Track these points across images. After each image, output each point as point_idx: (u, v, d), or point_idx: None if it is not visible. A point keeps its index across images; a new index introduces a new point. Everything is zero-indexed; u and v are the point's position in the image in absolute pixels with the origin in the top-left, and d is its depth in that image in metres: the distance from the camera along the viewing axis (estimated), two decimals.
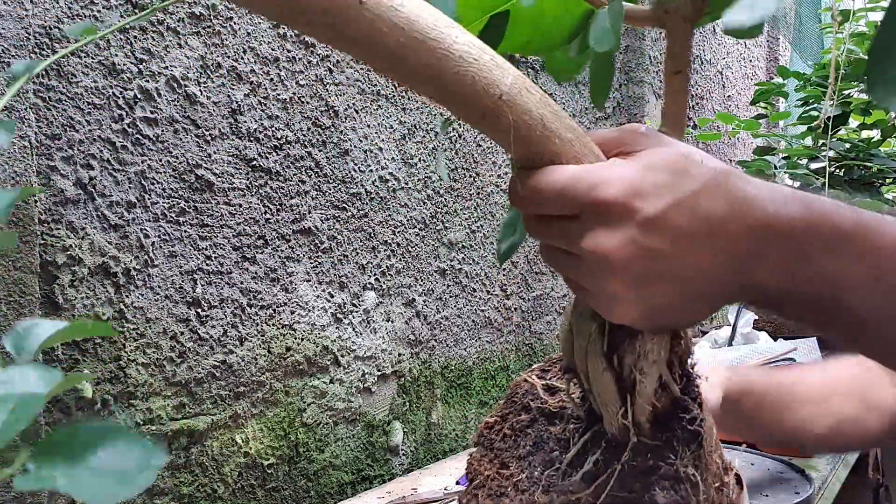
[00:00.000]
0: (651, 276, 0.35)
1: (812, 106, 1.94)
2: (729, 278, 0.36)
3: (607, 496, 0.40)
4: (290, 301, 1.00)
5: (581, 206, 0.35)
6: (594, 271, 0.36)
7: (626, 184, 0.35)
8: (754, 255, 0.36)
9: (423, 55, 0.32)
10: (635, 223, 0.34)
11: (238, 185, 0.93)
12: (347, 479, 1.09)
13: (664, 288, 0.35)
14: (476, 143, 1.36)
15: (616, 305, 0.36)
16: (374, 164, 1.13)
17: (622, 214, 0.34)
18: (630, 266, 0.34)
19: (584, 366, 0.42)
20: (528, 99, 0.34)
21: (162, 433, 0.84)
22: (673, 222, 0.34)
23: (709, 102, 2.49)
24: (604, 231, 0.35)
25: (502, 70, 0.33)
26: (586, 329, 0.41)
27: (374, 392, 1.14)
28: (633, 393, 0.40)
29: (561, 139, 0.35)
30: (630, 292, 0.35)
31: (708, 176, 0.35)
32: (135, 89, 0.81)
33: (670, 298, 0.36)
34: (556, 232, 0.37)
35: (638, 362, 0.40)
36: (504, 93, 0.33)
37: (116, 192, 0.80)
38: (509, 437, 0.50)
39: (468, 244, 1.35)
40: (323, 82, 1.04)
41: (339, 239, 1.08)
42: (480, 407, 1.39)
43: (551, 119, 0.35)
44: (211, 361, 0.90)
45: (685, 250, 0.35)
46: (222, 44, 0.90)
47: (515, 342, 1.50)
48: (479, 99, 0.33)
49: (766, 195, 0.36)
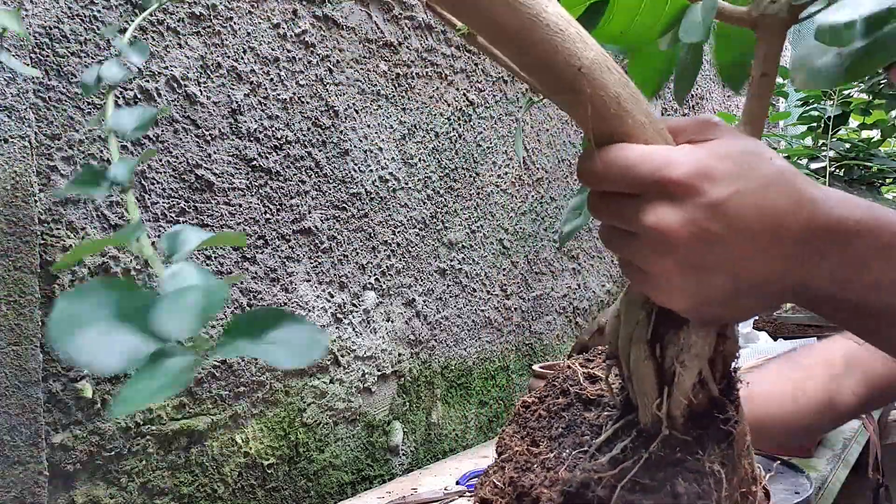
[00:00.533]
0: (707, 262, 0.35)
1: (812, 106, 1.94)
2: (782, 276, 0.36)
3: (629, 480, 0.41)
4: (290, 301, 1.00)
5: (647, 184, 0.35)
6: (652, 249, 0.36)
7: (695, 166, 0.35)
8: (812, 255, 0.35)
9: (511, 17, 0.33)
10: (700, 205, 0.34)
11: (238, 185, 0.93)
12: (347, 479, 1.09)
13: (717, 277, 0.35)
14: (476, 143, 1.36)
15: (667, 288, 0.36)
16: (374, 164, 1.13)
17: (687, 194, 0.34)
18: (688, 247, 0.34)
19: (627, 352, 0.42)
20: (607, 77, 0.35)
21: (162, 433, 0.84)
22: (737, 210, 0.34)
23: (709, 102, 2.49)
24: (667, 208, 0.35)
25: (586, 44, 0.34)
26: (634, 316, 0.42)
27: (374, 392, 1.14)
28: (671, 385, 0.41)
29: (634, 121, 0.36)
30: (683, 276, 0.35)
31: (776, 172, 0.35)
32: (135, 89, 0.81)
33: (721, 289, 0.36)
34: (618, 209, 0.37)
35: (680, 355, 0.40)
36: (584, 66, 0.34)
37: (116, 192, 0.80)
38: (544, 418, 0.50)
39: (468, 244, 1.35)
40: (323, 82, 1.04)
41: (339, 239, 1.08)
42: (480, 407, 1.39)
43: (627, 100, 0.36)
44: (211, 361, 0.90)
45: (744, 241, 0.35)
46: (222, 44, 0.90)
47: (515, 342, 1.50)
48: (559, 68, 0.34)
49: (832, 197, 0.36)
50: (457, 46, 1.31)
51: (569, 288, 1.68)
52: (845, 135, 2.01)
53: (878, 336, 0.41)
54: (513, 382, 1.49)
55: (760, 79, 0.43)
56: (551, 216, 1.59)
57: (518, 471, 0.47)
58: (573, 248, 1.68)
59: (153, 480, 0.83)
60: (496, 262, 1.43)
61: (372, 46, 1.12)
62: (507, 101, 1.45)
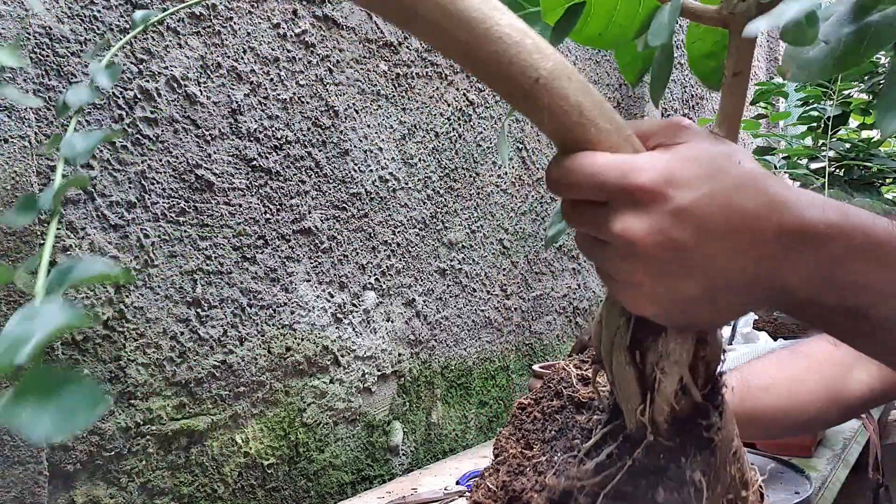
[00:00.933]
0: (675, 268, 0.35)
1: (812, 106, 1.94)
2: (755, 280, 0.35)
3: (612, 488, 0.41)
4: (290, 301, 1.00)
5: (612, 191, 0.35)
6: (621, 257, 0.35)
7: (660, 172, 0.34)
8: (785, 258, 0.35)
9: (462, 32, 0.33)
10: (666, 211, 0.34)
11: (238, 185, 0.93)
12: (347, 479, 1.09)
13: (687, 283, 0.35)
14: (476, 143, 1.36)
15: (638, 295, 0.36)
16: (374, 164, 1.13)
17: (653, 201, 0.34)
18: (656, 255, 0.34)
19: (610, 358, 0.42)
20: (567, 86, 0.35)
21: (162, 433, 0.84)
22: (704, 214, 0.34)
23: (709, 102, 2.49)
24: (633, 216, 0.34)
25: (543, 55, 0.34)
26: (614, 321, 0.41)
27: (374, 392, 1.14)
28: (653, 391, 0.40)
29: (598, 128, 0.36)
30: (653, 283, 0.35)
31: (745, 174, 0.35)
32: (135, 89, 0.81)
33: (692, 294, 0.35)
34: (588, 217, 0.37)
35: (660, 361, 0.40)
36: (542, 76, 0.34)
37: (116, 192, 0.80)
38: (538, 420, 0.50)
39: (468, 244, 1.35)
40: (323, 82, 1.04)
41: (339, 239, 1.08)
42: (480, 407, 1.39)
43: (589, 108, 0.35)
44: (211, 361, 0.90)
45: (713, 246, 0.34)
46: (222, 44, 0.90)
47: (515, 342, 1.50)
48: (515, 80, 0.34)
49: (803, 200, 0.35)
50: None
51: (569, 288, 1.68)
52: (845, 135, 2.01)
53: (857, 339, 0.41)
54: (513, 382, 1.49)
55: (734, 77, 0.43)
56: (551, 216, 1.59)
57: (511, 474, 0.47)
58: (573, 247, 1.68)
59: (153, 480, 0.83)
60: (496, 262, 1.43)
61: (372, 46, 1.12)
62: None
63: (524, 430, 0.51)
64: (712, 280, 0.35)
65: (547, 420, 0.50)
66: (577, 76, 0.35)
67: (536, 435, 0.50)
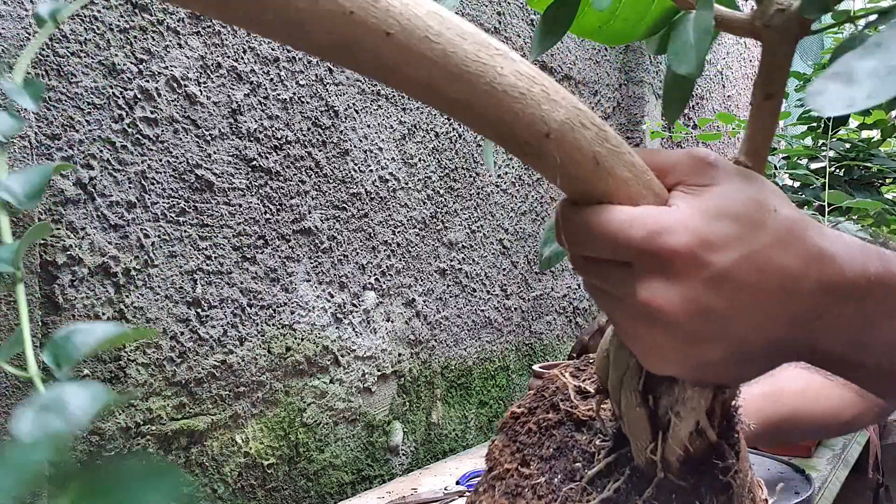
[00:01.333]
0: (703, 335, 0.32)
1: None
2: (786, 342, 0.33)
3: None
4: (290, 301, 1.00)
5: (637, 253, 0.31)
6: (642, 321, 0.32)
7: (693, 233, 0.31)
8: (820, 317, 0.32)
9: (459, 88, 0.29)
10: (701, 279, 0.31)
11: (238, 185, 0.93)
12: (347, 479, 1.09)
13: (714, 348, 0.32)
14: (476, 143, 1.36)
15: (658, 357, 0.33)
16: (374, 164, 1.13)
17: (687, 268, 0.31)
18: (685, 324, 0.31)
19: (618, 395, 0.40)
20: (581, 135, 0.31)
21: (162, 433, 0.84)
22: (741, 280, 0.31)
23: (709, 102, 2.49)
24: (662, 283, 0.31)
25: (554, 103, 0.30)
26: (623, 361, 0.39)
27: (374, 392, 1.14)
28: (665, 431, 0.38)
29: (615, 178, 0.32)
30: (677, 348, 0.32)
31: (783, 227, 0.32)
32: (135, 89, 0.81)
33: (719, 357, 0.32)
34: (604, 275, 0.33)
35: (675, 406, 0.37)
36: (552, 130, 0.30)
37: (116, 192, 0.80)
38: (534, 434, 0.48)
39: (468, 244, 1.35)
40: (323, 82, 1.04)
41: (339, 239, 1.08)
42: (480, 407, 1.39)
43: (606, 156, 0.32)
44: (211, 361, 0.90)
45: (749, 309, 0.31)
46: (222, 44, 0.90)
47: (515, 342, 1.50)
48: (522, 136, 0.30)
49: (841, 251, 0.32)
50: None
51: (569, 288, 1.68)
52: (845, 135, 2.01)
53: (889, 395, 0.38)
54: (513, 382, 1.49)
55: (765, 101, 0.37)
56: (551, 216, 1.59)
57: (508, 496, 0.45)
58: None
59: None
60: (496, 262, 1.43)
61: None
62: None
63: (519, 444, 0.48)
64: (742, 343, 0.32)
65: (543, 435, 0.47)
66: (592, 121, 0.31)
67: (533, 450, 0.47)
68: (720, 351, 0.32)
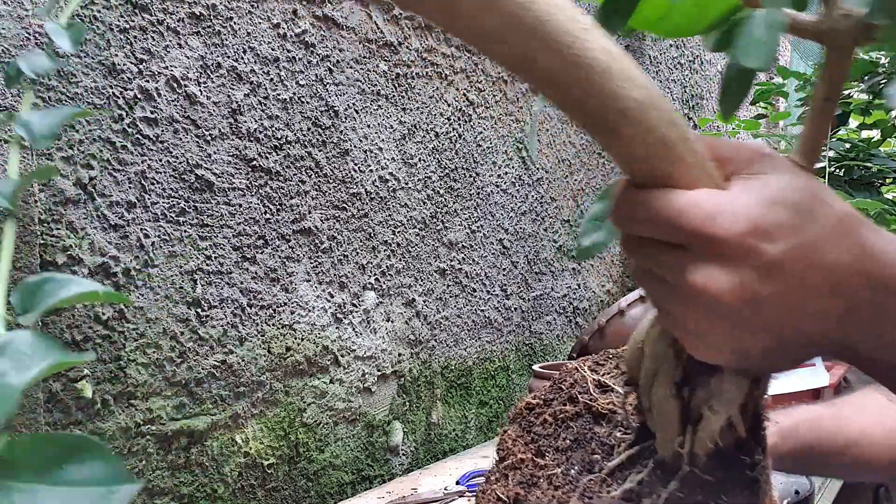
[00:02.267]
0: (752, 322, 0.32)
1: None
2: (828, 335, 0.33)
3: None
4: (290, 301, 1.00)
5: (694, 236, 0.32)
6: (693, 306, 0.33)
7: (749, 220, 0.31)
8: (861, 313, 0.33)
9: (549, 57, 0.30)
10: (754, 266, 0.31)
11: (238, 185, 0.93)
12: (347, 479, 1.09)
13: (761, 336, 0.33)
14: (476, 144, 1.36)
15: (706, 344, 0.34)
16: (374, 164, 1.13)
17: (742, 254, 0.31)
18: (735, 311, 0.32)
19: (649, 388, 0.40)
20: (653, 116, 0.32)
21: (162, 433, 0.84)
22: (793, 269, 0.31)
23: (709, 102, 2.49)
24: (717, 268, 0.32)
25: (632, 82, 0.31)
26: (662, 351, 0.39)
27: (374, 392, 1.14)
28: (695, 424, 0.38)
29: (680, 162, 0.33)
30: (726, 335, 0.33)
31: (835, 220, 0.32)
32: (135, 89, 0.81)
33: (765, 346, 0.33)
34: (658, 258, 0.34)
35: (710, 399, 0.38)
36: (629, 108, 0.31)
37: (116, 192, 0.80)
38: (550, 425, 0.48)
39: (468, 244, 1.35)
40: (323, 82, 1.04)
41: (339, 239, 1.08)
42: (480, 407, 1.39)
43: (674, 140, 0.32)
44: (211, 361, 0.90)
45: (798, 301, 0.32)
46: (222, 44, 0.90)
47: (515, 342, 1.50)
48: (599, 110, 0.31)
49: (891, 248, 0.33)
50: (457, 46, 1.31)
51: (569, 288, 1.68)
52: (845, 135, 2.02)
53: None
54: (513, 382, 1.49)
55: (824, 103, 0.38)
56: (551, 216, 1.59)
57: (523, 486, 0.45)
58: (573, 247, 1.68)
59: (153, 480, 0.83)
60: (496, 262, 1.43)
61: (372, 46, 1.12)
62: (507, 101, 1.45)
63: (534, 434, 0.48)
64: (790, 333, 0.33)
65: (560, 426, 0.47)
66: (664, 105, 0.32)
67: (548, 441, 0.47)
68: (768, 339, 0.33)
